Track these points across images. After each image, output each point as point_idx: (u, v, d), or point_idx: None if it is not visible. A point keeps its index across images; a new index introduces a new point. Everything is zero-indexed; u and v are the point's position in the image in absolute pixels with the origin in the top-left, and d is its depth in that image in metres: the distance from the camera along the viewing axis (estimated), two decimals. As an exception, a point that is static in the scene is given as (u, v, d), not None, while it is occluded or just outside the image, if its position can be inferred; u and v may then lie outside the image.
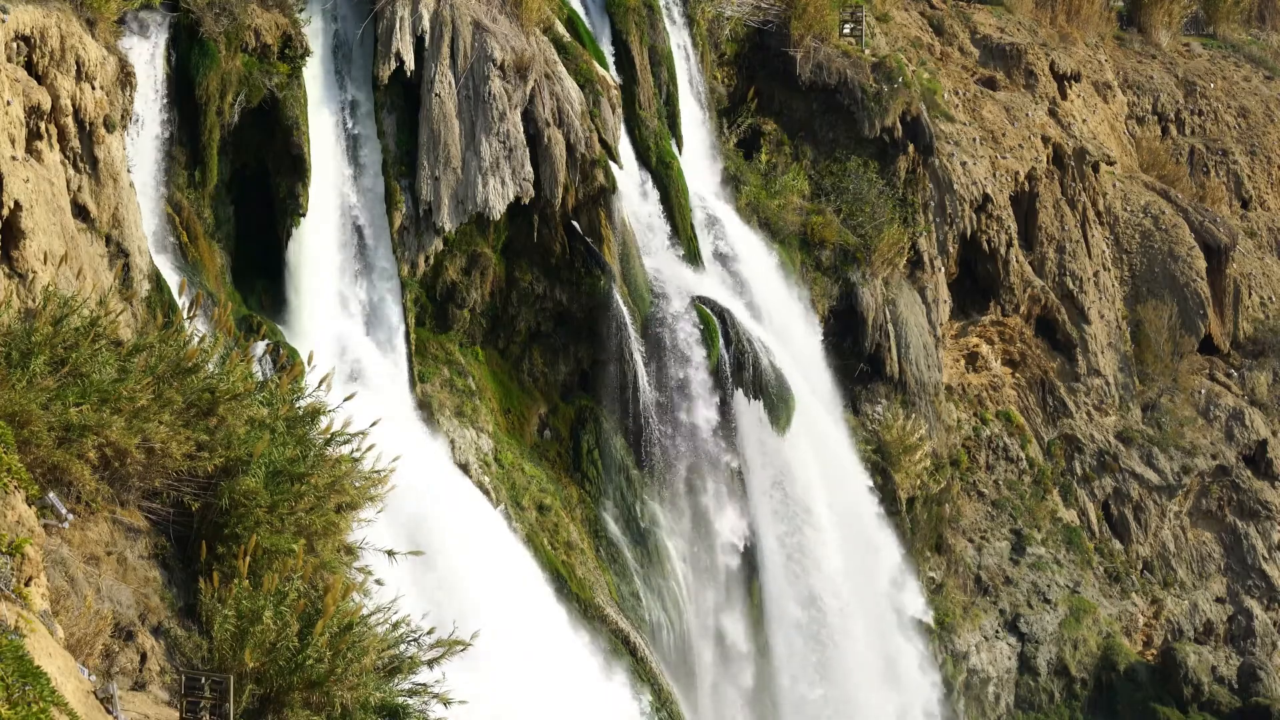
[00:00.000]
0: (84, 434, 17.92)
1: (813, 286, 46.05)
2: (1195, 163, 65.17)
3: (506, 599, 33.17)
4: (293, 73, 34.26)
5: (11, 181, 24.41)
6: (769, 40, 48.63)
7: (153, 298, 29.36)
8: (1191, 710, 51.28)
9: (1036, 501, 53.17)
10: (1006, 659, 50.00)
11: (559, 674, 33.62)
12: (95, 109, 28.04)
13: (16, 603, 14.40)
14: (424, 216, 36.67)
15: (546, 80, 37.90)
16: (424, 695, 18.69)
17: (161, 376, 19.17)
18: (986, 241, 52.68)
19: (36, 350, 18.11)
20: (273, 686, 17.29)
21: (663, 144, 42.76)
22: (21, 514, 15.60)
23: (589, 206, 38.95)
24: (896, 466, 46.65)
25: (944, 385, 50.66)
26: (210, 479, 19.20)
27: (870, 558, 44.97)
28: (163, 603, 18.45)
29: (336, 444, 20.81)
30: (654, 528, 39.79)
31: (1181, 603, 54.47)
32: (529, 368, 39.60)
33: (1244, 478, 56.69)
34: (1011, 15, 61.52)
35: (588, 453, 39.49)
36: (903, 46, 55.10)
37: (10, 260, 24.47)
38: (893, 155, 48.79)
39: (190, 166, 32.98)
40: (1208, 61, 69.41)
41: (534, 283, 38.95)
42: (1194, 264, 58.60)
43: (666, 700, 37.31)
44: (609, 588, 38.07)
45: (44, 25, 26.84)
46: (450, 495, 34.68)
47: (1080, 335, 55.28)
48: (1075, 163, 56.56)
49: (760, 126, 48.48)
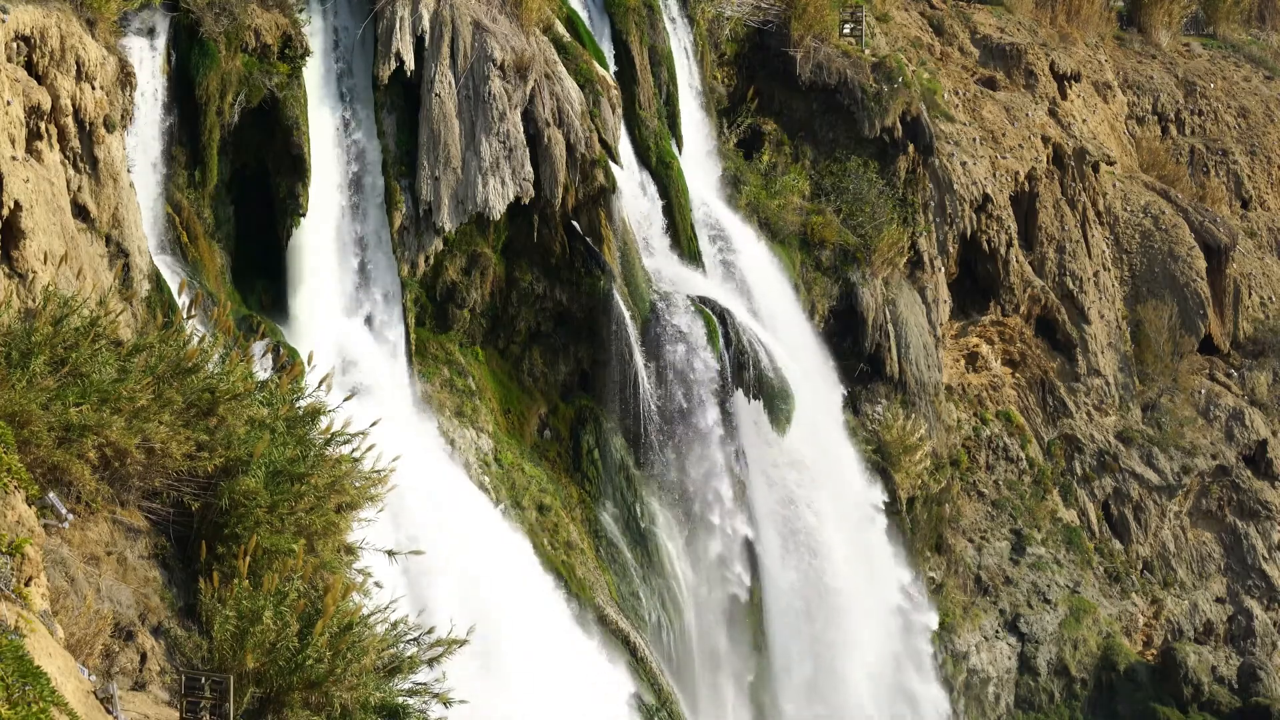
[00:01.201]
0: (84, 434, 17.92)
1: (813, 286, 46.05)
2: (1195, 163, 65.16)
3: (507, 598, 33.17)
4: (293, 73, 34.25)
5: (11, 181, 24.40)
6: (769, 40, 48.62)
7: (153, 298, 29.35)
8: (1191, 710, 51.27)
9: (1036, 501, 53.16)
10: (1006, 659, 50.00)
11: (567, 673, 33.64)
12: (95, 109, 28.04)
13: (16, 603, 14.39)
14: (424, 216, 36.66)
15: (546, 80, 37.90)
16: (424, 695, 18.70)
17: (161, 376, 19.16)
18: (986, 241, 52.68)
19: (36, 350, 18.11)
20: (273, 686, 17.30)
21: (663, 144, 42.76)
22: (21, 514, 15.59)
23: (589, 206, 38.94)
24: (896, 466, 46.64)
25: (944, 385, 50.65)
26: (210, 479, 19.20)
27: (870, 558, 44.98)
28: (163, 603, 18.45)
29: (336, 444, 20.80)
30: (654, 528, 39.79)
31: (1181, 603, 54.47)
32: (529, 368, 39.60)
33: (1244, 478, 56.68)
34: (1011, 15, 61.52)
35: (588, 453, 39.49)
36: (903, 46, 55.09)
37: (10, 260, 24.46)
38: (893, 155, 48.78)
39: (190, 166, 32.97)
40: (1208, 61, 69.40)
41: (534, 283, 38.95)
42: (1194, 264, 58.60)
43: (666, 700, 37.30)
44: (609, 588, 38.07)
45: (44, 25, 26.83)
46: (450, 495, 34.66)
47: (1080, 335, 55.28)
48: (1075, 163, 56.55)
49: (760, 126, 48.47)
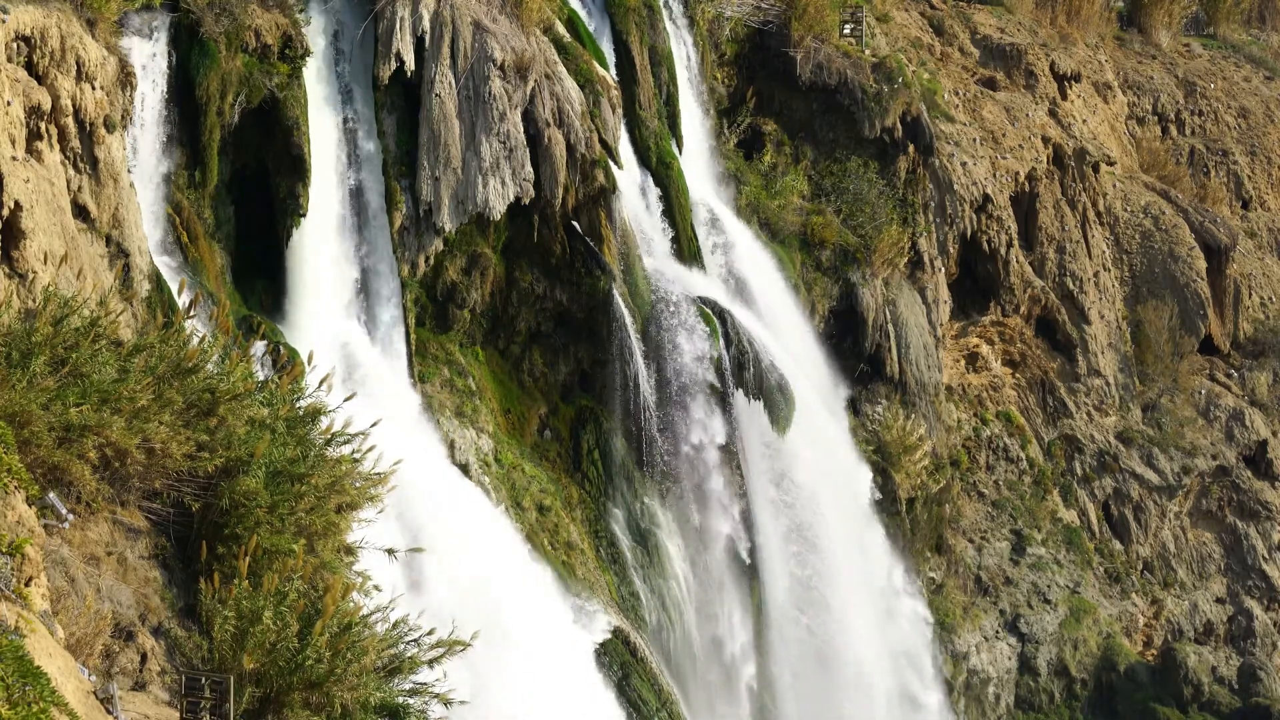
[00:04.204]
0: (84, 434, 17.90)
1: (813, 286, 46.05)
2: (1195, 163, 65.17)
3: (506, 598, 33.16)
4: (293, 73, 34.25)
5: (12, 182, 24.40)
6: (769, 40, 48.62)
7: (153, 298, 29.34)
8: (1191, 710, 51.28)
9: (1036, 502, 53.16)
10: (1006, 659, 49.99)
11: (565, 672, 33.63)
12: (95, 109, 28.04)
13: (16, 603, 14.39)
14: (424, 217, 36.65)
15: (546, 80, 37.90)
16: (424, 695, 18.69)
17: (162, 377, 19.15)
18: (986, 242, 52.67)
19: (37, 350, 18.10)
20: (273, 687, 17.28)
21: (663, 144, 42.75)
22: (21, 514, 15.59)
23: (589, 207, 38.94)
24: (896, 466, 46.65)
25: (944, 385, 50.66)
26: (210, 479, 19.18)
27: (870, 558, 44.99)
28: (163, 603, 18.45)
29: (337, 444, 20.79)
30: (654, 528, 39.78)
31: (1181, 603, 54.47)
32: (529, 368, 39.60)
33: (1244, 478, 56.68)
34: (1011, 15, 61.53)
35: (588, 453, 39.49)
36: (903, 47, 55.09)
37: (10, 260, 24.46)
38: (893, 155, 48.78)
39: (190, 166, 32.96)
40: (1208, 62, 69.41)
41: (534, 283, 38.95)
42: (1194, 264, 58.60)
43: (666, 700, 37.29)
44: (609, 588, 38.06)
45: (44, 25, 26.83)
46: (450, 495, 34.66)
47: (1080, 335, 55.27)
48: (1075, 163, 56.55)
49: (760, 127, 48.48)
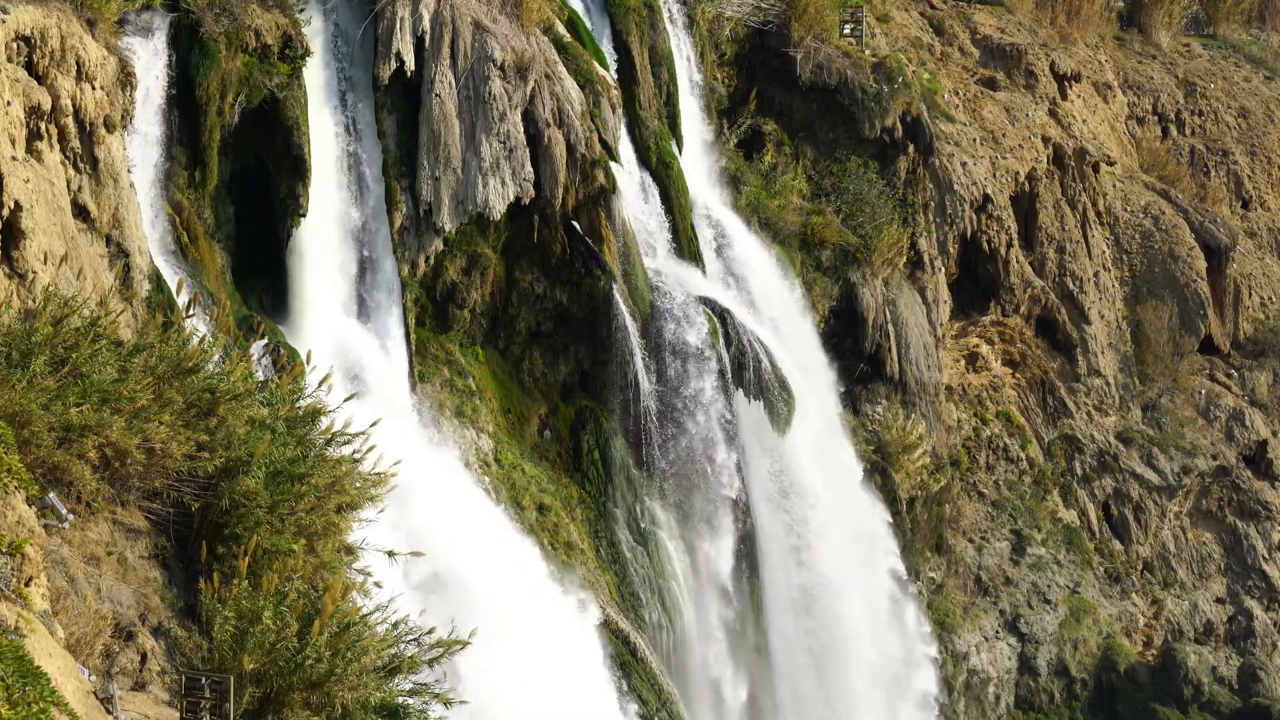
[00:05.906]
0: (84, 434, 17.90)
1: (813, 286, 46.05)
2: (1195, 163, 65.15)
3: (507, 598, 33.16)
4: (293, 73, 34.25)
5: (12, 182, 24.41)
6: (769, 40, 48.61)
7: (153, 298, 29.35)
8: (1191, 710, 51.28)
9: (1036, 502, 53.16)
10: (1006, 659, 49.99)
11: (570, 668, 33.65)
12: (95, 109, 28.04)
13: (16, 603, 14.38)
14: (424, 217, 36.66)
15: (547, 80, 37.90)
16: (424, 695, 18.69)
17: (162, 377, 19.15)
18: (986, 242, 52.67)
19: (37, 350, 18.10)
20: (273, 687, 17.28)
21: (663, 144, 42.76)
22: (21, 514, 15.59)
23: (589, 207, 38.95)
24: (896, 466, 46.65)
25: (944, 385, 50.65)
26: (210, 479, 19.18)
27: (870, 557, 44.97)
28: (163, 603, 18.45)
29: (337, 444, 20.79)
30: (654, 528, 39.79)
31: (1181, 603, 54.46)
32: (529, 368, 39.60)
33: (1244, 478, 56.68)
34: (1011, 15, 61.50)
35: (588, 453, 39.48)
36: (903, 47, 55.08)
37: (10, 260, 24.47)
38: (893, 155, 48.77)
39: (190, 166, 32.97)
40: (1208, 62, 69.39)
41: (534, 283, 38.95)
42: (1194, 264, 58.59)
43: (666, 700, 37.30)
44: (609, 588, 38.06)
45: (44, 25, 26.83)
46: (450, 495, 34.66)
47: (1080, 335, 55.27)
48: (1075, 163, 56.55)
49: (760, 126, 48.46)
